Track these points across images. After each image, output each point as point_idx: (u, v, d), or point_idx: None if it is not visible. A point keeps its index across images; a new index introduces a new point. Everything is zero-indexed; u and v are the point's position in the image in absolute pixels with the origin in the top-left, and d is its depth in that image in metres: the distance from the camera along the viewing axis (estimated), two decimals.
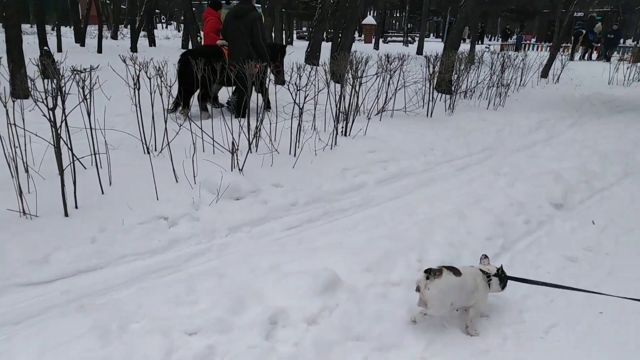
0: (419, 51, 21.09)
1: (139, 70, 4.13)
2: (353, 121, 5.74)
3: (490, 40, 41.60)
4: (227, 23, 6.38)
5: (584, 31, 21.23)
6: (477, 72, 9.42)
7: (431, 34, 51.03)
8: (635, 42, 23.86)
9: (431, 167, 5.19)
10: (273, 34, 18.59)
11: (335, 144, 5.17)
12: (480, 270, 2.56)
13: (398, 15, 59.12)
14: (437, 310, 2.38)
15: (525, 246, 3.47)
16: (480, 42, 31.00)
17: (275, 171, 4.37)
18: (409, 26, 37.26)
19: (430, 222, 3.44)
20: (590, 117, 8.06)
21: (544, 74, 13.63)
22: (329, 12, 12.16)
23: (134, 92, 4.14)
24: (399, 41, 33.25)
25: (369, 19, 32.86)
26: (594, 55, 22.23)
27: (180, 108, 6.07)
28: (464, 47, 14.49)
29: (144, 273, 2.90)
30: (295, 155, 4.70)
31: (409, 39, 32.16)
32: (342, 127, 5.59)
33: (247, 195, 3.88)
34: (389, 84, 6.82)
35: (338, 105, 5.46)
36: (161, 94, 4.19)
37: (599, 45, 22.39)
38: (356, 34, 40.15)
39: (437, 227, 3.39)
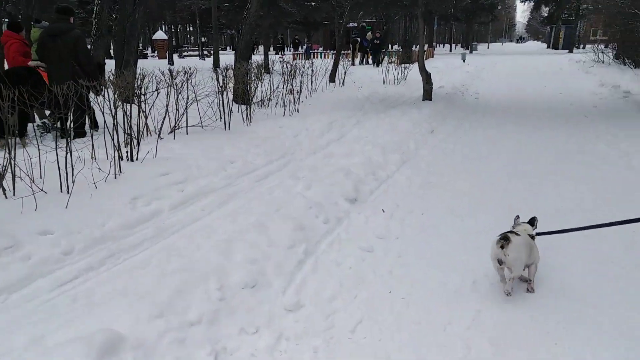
0: (216, 64, 20.95)
1: None
2: (138, 144, 5.17)
3: (288, 50, 44.14)
4: (44, 43, 5.91)
5: (359, 39, 24.06)
6: (270, 81, 9.66)
7: (228, 47, 51.63)
8: (399, 47, 28.09)
9: (232, 182, 4.98)
10: None
11: (120, 172, 4.55)
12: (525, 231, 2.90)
13: (191, 29, 58.13)
14: (519, 269, 2.74)
15: (327, 246, 3.52)
16: (282, 53, 32.55)
17: (42, 216, 3.58)
18: (203, 40, 36.90)
19: (229, 242, 3.20)
20: (371, 115, 8.98)
21: (332, 78, 14.89)
22: (105, 29, 11.03)
23: None
24: (195, 55, 32.64)
25: (160, 34, 31.43)
26: (370, 60, 25.39)
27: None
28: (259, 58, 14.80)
29: None
30: (68, 192, 3.95)
31: (205, 52, 31.83)
32: (127, 152, 4.97)
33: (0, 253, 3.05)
34: (177, 100, 6.39)
35: (124, 127, 4.84)
36: None
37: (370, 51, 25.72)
38: (149, 50, 38.06)
39: (238, 245, 3.18)
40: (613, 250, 3.36)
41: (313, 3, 19.54)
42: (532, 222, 3.04)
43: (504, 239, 2.71)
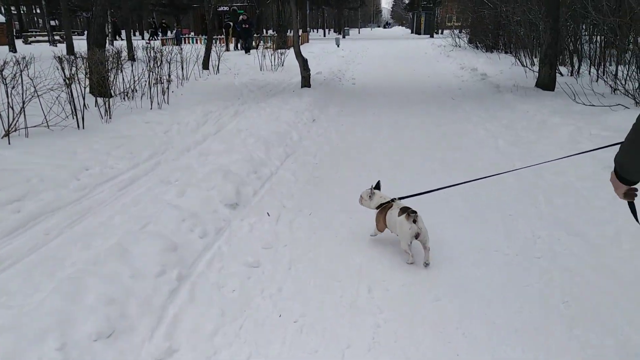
0: (70, 51, 18.44)
1: None
2: None
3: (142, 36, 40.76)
4: None
5: (231, 23, 23.04)
6: (132, 69, 8.59)
7: (86, 31, 46.35)
8: (274, 32, 27.65)
9: (87, 193, 4.18)
10: None
11: None
12: None
13: (39, 11, 51.00)
14: (428, 236, 2.96)
15: (206, 265, 3.03)
16: (155, 37, 29.85)
17: None
18: (53, 23, 32.48)
19: (79, 278, 2.54)
20: (250, 104, 8.50)
21: (205, 65, 13.97)
22: None
23: None
24: (44, 41, 28.60)
25: None
26: (240, 45, 24.58)
27: None
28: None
29: None
30: None
31: (57, 38, 28.03)
32: None
33: None
34: (9, 96, 5.24)
35: None
36: None
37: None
38: None
39: (91, 281, 2.53)
40: (496, 237, 3.40)
41: None
42: (378, 186, 3.39)
43: (414, 213, 2.91)
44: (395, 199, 3.22)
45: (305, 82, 10.50)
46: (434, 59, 18.71)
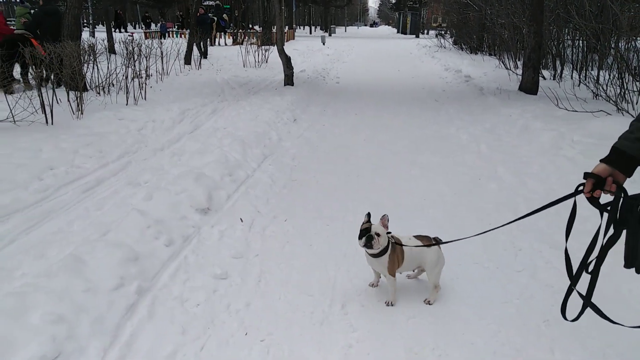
0: None
1: None
2: None
3: (134, 28, 40.03)
4: None
5: (215, 18, 22.65)
6: (108, 63, 8.30)
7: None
8: (260, 28, 27.29)
9: (49, 195, 3.94)
10: None
11: None
12: None
13: None
14: None
15: (169, 277, 2.84)
16: (119, 30, 29.23)
17: None
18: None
19: (24, 294, 2.33)
20: (230, 102, 8.27)
21: (187, 60, 13.66)
22: None
23: None
24: None
25: None
26: (229, 40, 24.22)
27: None
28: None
29: None
30: None
31: None
32: None
33: None
34: None
35: None
36: None
37: (230, 31, 24.59)
38: None
39: (37, 297, 2.32)
40: (475, 249, 3.27)
41: None
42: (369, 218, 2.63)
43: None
44: (389, 232, 2.58)
45: (288, 80, 10.31)
46: (418, 59, 18.66)
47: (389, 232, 2.56)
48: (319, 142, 6.15)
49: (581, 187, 1.68)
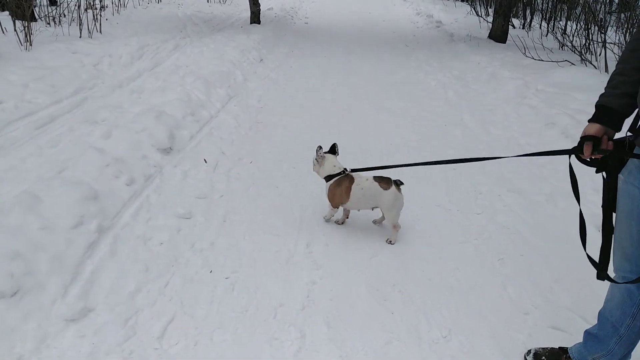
0: None
1: None
2: None
3: None
4: None
5: None
6: None
7: None
8: None
9: None
10: None
11: None
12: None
13: None
14: None
15: (131, 217, 2.78)
16: None
17: None
18: None
19: None
20: (193, 39, 7.86)
21: None
22: None
23: None
24: None
25: None
26: None
27: None
28: None
29: None
30: None
31: None
32: None
33: None
34: None
35: None
36: None
37: None
38: None
39: None
40: (438, 192, 3.36)
41: None
42: (333, 149, 2.83)
43: (401, 183, 2.67)
44: (346, 169, 2.73)
45: (255, 17, 9.84)
46: (390, 2, 18.15)
47: (345, 169, 2.73)
48: (286, 84, 5.99)
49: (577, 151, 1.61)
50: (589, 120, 1.61)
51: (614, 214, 1.62)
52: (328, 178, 2.74)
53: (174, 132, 3.84)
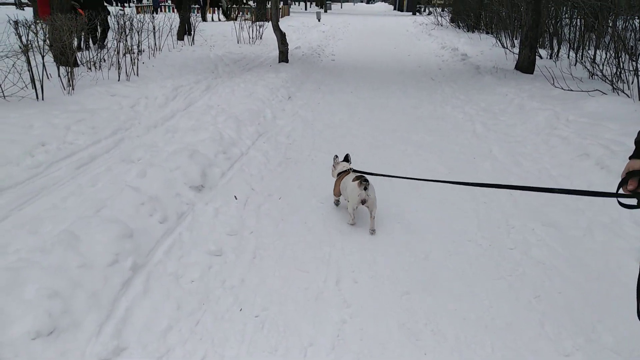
0: (37, 16, 17.44)
1: None
2: None
3: (127, 1, 39.07)
4: None
5: None
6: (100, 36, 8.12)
7: None
8: (254, 3, 26.78)
9: (41, 172, 3.91)
10: None
11: None
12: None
13: None
14: (376, 205, 3.15)
15: (164, 254, 2.84)
16: (120, 4, 28.57)
17: None
18: None
19: (18, 269, 2.32)
20: (224, 79, 8.16)
21: (180, 36, 13.42)
22: None
23: None
24: (11, 4, 27.07)
25: None
26: (222, 16, 23.79)
27: None
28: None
29: None
30: None
31: (25, 1, 26.53)
32: None
33: None
34: None
35: None
36: None
37: (223, 4, 24.13)
38: None
39: (32, 272, 2.32)
40: (469, 226, 3.30)
41: None
42: (347, 158, 3.56)
43: (365, 181, 3.04)
44: (352, 168, 3.44)
45: (283, 56, 10.17)
46: (415, 37, 18.45)
47: (351, 168, 3.43)
48: (313, 120, 6.11)
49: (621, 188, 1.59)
50: (630, 157, 1.58)
51: None
52: (339, 175, 3.49)
53: (206, 169, 3.95)
